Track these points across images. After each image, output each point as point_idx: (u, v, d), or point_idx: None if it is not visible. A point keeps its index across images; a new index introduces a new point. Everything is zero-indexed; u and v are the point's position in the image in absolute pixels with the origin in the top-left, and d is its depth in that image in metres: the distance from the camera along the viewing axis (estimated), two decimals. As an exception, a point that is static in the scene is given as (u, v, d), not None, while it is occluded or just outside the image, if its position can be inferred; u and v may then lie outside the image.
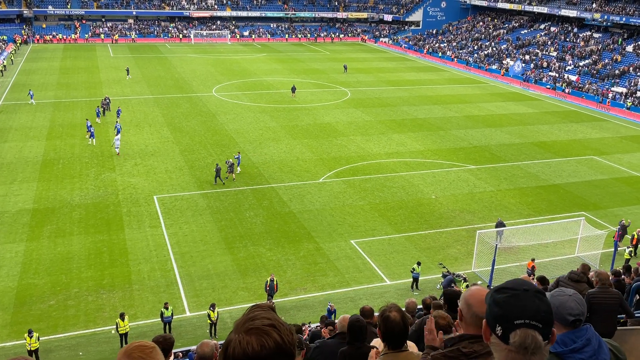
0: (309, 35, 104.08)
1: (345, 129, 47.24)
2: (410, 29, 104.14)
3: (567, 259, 27.19)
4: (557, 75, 69.80)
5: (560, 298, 2.98)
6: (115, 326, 20.56)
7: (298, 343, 5.51)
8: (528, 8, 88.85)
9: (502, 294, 2.34)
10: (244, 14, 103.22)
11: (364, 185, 35.61)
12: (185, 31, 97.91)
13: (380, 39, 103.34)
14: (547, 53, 77.94)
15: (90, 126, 42.29)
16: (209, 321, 21.33)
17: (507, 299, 2.31)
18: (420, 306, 13.56)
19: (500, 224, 28.74)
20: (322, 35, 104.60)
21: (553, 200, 34.58)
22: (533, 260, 25.39)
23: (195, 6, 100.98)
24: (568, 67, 71.67)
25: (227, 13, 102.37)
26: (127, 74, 64.21)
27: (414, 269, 24.94)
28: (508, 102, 60.46)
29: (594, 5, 79.86)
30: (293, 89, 58.63)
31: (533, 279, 14.71)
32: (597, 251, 27.40)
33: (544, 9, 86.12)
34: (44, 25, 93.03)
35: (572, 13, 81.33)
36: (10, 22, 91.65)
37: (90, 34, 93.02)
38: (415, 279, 24.72)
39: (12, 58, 74.11)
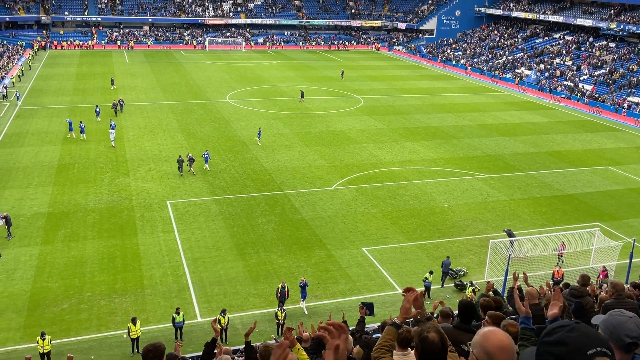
0: (322, 43, 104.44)
1: (357, 137, 47.24)
2: (424, 37, 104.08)
3: (582, 270, 26.84)
4: (572, 84, 69.32)
5: (620, 318, 2.81)
6: (127, 330, 20.65)
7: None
8: (543, 17, 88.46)
9: (555, 333, 2.25)
10: (258, 21, 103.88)
11: (376, 193, 35.54)
12: (200, 38, 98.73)
13: (394, 47, 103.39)
14: (562, 62, 77.48)
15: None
16: (219, 327, 21.34)
17: (566, 335, 2.22)
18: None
19: (509, 234, 28.52)
20: (335, 43, 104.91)
21: (567, 211, 34.25)
22: (559, 267, 25.39)
23: (211, 13, 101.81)
24: (583, 77, 71.15)
25: (242, 20, 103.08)
26: (112, 84, 62.32)
27: (426, 277, 24.81)
28: (522, 111, 60.12)
29: (610, 14, 79.31)
30: (302, 94, 59.01)
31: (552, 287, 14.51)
32: (612, 262, 27.05)
33: (559, 18, 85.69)
34: (62, 32, 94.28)
35: (587, 22, 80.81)
36: (28, 28, 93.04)
37: (106, 40, 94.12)
38: (427, 288, 24.58)
39: (30, 63, 75.18)
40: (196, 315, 22.89)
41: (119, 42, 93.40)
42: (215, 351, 7.75)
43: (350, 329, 15.17)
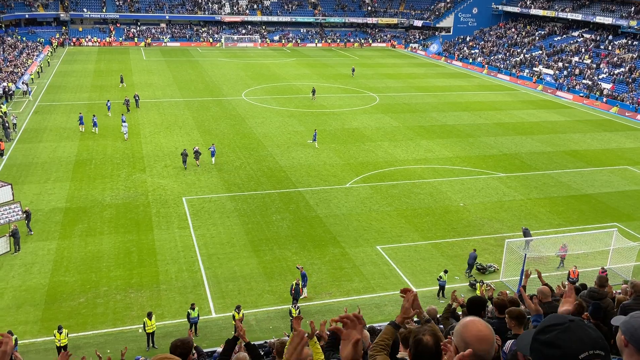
0: (338, 40, 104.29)
1: (373, 135, 47.13)
2: (441, 35, 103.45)
3: (599, 271, 26.54)
4: (590, 83, 68.47)
5: None
6: (142, 325, 20.84)
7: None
8: (562, 15, 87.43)
9: (548, 332, 2.19)
10: (274, 18, 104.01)
11: (391, 191, 35.44)
12: (216, 35, 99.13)
13: (410, 45, 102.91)
14: (580, 60, 76.56)
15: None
16: (234, 323, 21.45)
17: (559, 336, 2.16)
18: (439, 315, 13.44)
19: (526, 233, 28.33)
20: (351, 40, 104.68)
21: (585, 211, 33.87)
22: (575, 267, 25.13)
23: (227, 11, 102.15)
24: (602, 75, 70.24)
25: (258, 18, 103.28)
26: (121, 82, 62.21)
27: (440, 276, 24.71)
28: (540, 110, 59.53)
29: (630, 12, 78.14)
30: (313, 92, 59.04)
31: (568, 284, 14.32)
32: (630, 263, 26.71)
33: (578, 16, 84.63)
34: (80, 29, 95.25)
35: (607, 20, 79.71)
36: (47, 25, 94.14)
37: (124, 37, 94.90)
38: (442, 287, 24.48)
39: (49, 60, 76.08)
40: (211, 311, 23.02)
41: (136, 39, 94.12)
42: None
43: (367, 326, 15.17)
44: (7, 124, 43.82)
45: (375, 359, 3.96)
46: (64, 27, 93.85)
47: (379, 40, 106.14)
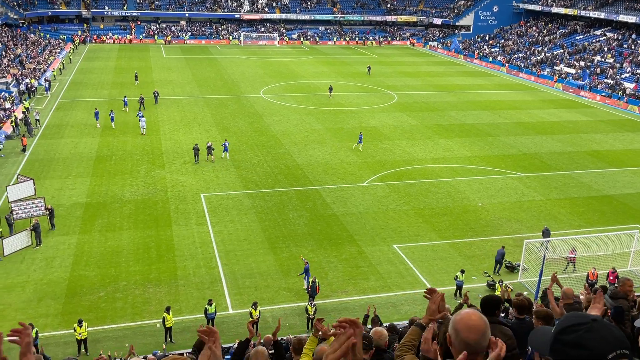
0: (357, 38, 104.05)
1: (391, 133, 46.97)
2: (461, 33, 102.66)
3: (620, 273, 26.16)
4: (613, 82, 67.43)
5: None
6: (162, 320, 21.04)
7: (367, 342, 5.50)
8: (584, 13, 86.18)
9: (572, 332, 2.15)
10: (293, 16, 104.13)
11: (409, 190, 35.30)
12: (235, 33, 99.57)
13: (429, 43, 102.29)
14: (603, 60, 75.43)
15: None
16: (250, 319, 21.56)
17: (584, 336, 2.13)
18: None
19: (546, 233, 28.04)
20: (370, 38, 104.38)
21: (606, 212, 33.40)
22: (594, 269, 24.82)
23: (246, 9, 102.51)
24: (625, 75, 69.12)
25: (277, 16, 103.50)
26: (136, 79, 62.47)
27: (457, 276, 24.58)
28: (561, 109, 58.80)
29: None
30: (330, 89, 59.02)
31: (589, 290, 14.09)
32: (652, 266, 26.30)
33: (600, 14, 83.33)
34: (102, 26, 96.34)
35: (630, 19, 78.35)
36: (69, 22, 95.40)
37: (144, 34, 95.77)
38: (459, 287, 24.34)
39: (71, 57, 77.09)
40: (228, 307, 23.18)
41: (156, 36, 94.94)
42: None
43: (386, 324, 15.15)
44: (29, 120, 44.53)
45: (403, 359, 3.98)
46: (85, 25, 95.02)
47: (397, 39, 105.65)
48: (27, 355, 3.28)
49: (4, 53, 68.10)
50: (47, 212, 28.83)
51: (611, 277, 24.17)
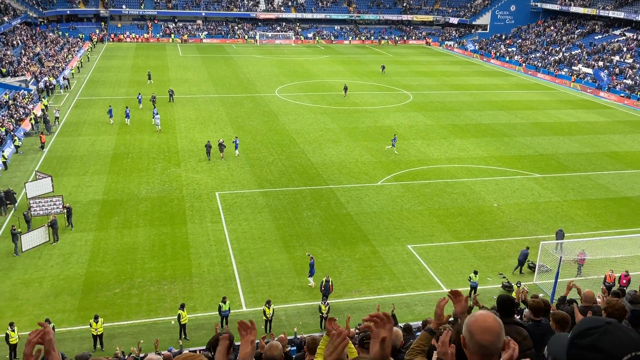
0: (372, 37, 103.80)
1: (405, 133, 46.81)
2: (477, 33, 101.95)
3: (637, 276, 25.85)
4: (632, 83, 66.52)
5: None
6: (177, 317, 21.19)
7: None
8: (603, 13, 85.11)
9: (588, 336, 2.16)
10: (308, 15, 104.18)
11: (423, 190, 35.16)
12: (250, 32, 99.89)
13: (446, 42, 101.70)
14: (622, 60, 74.44)
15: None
16: (264, 317, 21.65)
17: (600, 339, 2.14)
18: (451, 318, 13.26)
19: (560, 234, 27.77)
20: (385, 37, 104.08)
21: (624, 214, 32.98)
22: (612, 271, 24.53)
23: (262, 8, 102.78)
24: (645, 75, 68.11)
25: (292, 15, 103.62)
26: (149, 79, 62.17)
27: (470, 277, 24.44)
28: (578, 110, 58.16)
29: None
30: (345, 89, 58.98)
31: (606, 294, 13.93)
32: (671, 269, 25.91)
33: (620, 14, 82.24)
34: (119, 25, 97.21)
35: (651, 18, 77.26)
36: (87, 21, 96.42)
37: (161, 33, 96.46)
38: (474, 288, 24.19)
39: (89, 55, 77.92)
40: (242, 304, 23.28)
41: (172, 35, 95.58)
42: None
43: (402, 324, 15.11)
44: (47, 118, 45.10)
45: None
46: (103, 23, 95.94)
47: (414, 38, 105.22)
48: (52, 353, 3.32)
49: (23, 51, 69.04)
50: (65, 211, 29.16)
51: (624, 280, 23.87)
